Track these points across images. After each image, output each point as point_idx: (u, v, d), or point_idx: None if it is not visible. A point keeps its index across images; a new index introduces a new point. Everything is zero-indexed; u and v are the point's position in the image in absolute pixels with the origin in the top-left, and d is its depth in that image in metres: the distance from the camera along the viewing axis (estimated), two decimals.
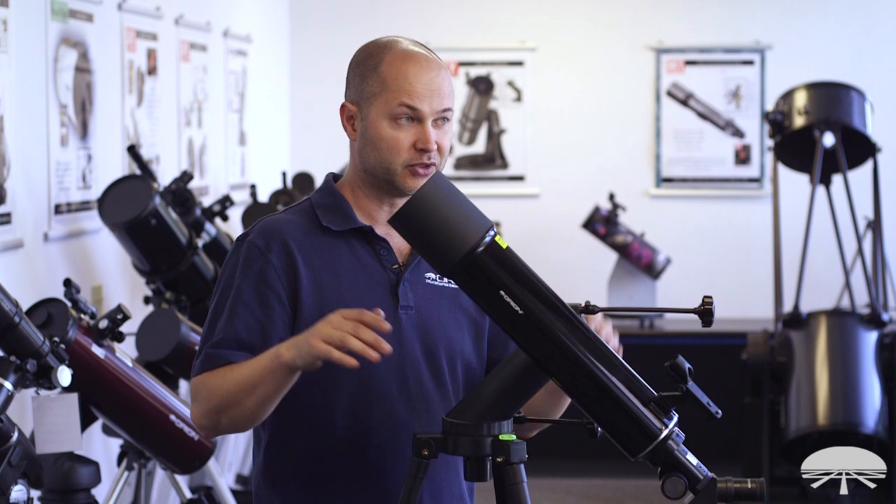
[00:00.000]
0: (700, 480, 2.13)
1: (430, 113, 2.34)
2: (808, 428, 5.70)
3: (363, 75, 2.36)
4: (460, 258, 2.13)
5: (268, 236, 2.34)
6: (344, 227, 2.38)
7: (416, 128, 2.34)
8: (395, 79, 2.33)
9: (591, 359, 2.16)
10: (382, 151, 2.34)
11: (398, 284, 2.37)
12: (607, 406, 2.16)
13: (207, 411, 2.30)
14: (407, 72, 2.33)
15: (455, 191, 2.19)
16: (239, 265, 2.34)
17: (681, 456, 2.14)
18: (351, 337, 2.14)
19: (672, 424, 2.14)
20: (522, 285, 2.16)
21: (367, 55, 2.38)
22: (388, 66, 2.34)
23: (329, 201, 2.41)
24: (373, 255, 2.38)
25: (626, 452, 2.16)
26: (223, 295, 2.34)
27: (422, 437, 2.22)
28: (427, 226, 2.15)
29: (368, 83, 2.35)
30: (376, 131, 2.34)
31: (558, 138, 8.01)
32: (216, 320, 2.33)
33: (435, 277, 2.41)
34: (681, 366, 2.12)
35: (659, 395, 2.14)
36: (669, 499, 2.14)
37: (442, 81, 2.36)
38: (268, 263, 2.32)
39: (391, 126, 2.33)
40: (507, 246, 2.19)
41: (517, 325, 2.17)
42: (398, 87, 2.33)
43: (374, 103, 2.34)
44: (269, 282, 2.32)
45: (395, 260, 2.39)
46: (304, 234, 2.36)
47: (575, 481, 6.77)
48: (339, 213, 2.39)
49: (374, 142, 2.35)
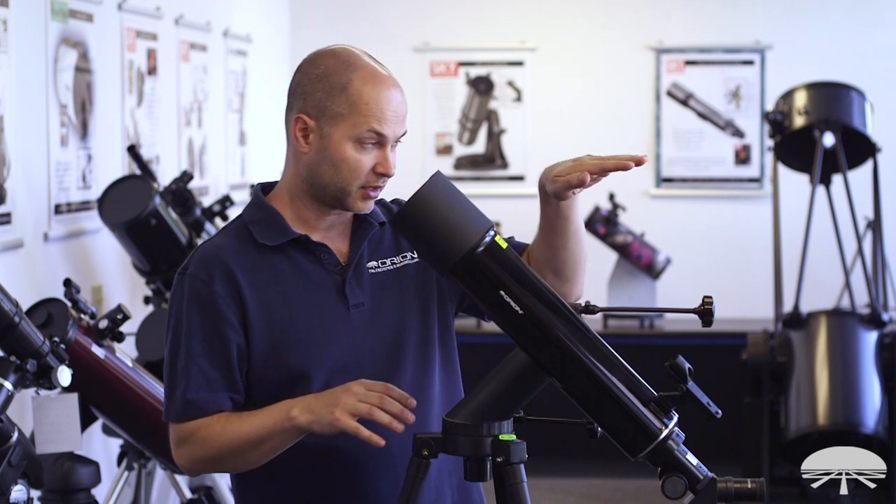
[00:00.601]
0: (700, 480, 2.13)
1: (392, 138, 2.34)
2: (808, 428, 5.70)
3: (327, 92, 2.31)
4: (461, 258, 2.13)
5: (208, 265, 2.33)
6: (280, 241, 2.36)
7: (378, 152, 2.33)
8: (367, 104, 2.30)
9: (591, 359, 2.16)
10: (343, 172, 2.32)
11: (344, 285, 2.37)
12: (607, 406, 2.16)
13: (202, 459, 2.32)
14: (378, 98, 2.31)
15: (455, 191, 2.19)
16: (185, 301, 2.33)
17: (681, 456, 2.14)
18: (378, 410, 2.17)
19: (672, 424, 2.14)
20: (522, 285, 2.16)
21: (329, 71, 2.33)
22: (357, 87, 2.31)
23: (261, 215, 2.40)
24: (315, 262, 2.37)
25: (626, 452, 2.16)
26: (176, 334, 2.34)
27: (422, 436, 2.22)
28: (427, 226, 2.15)
29: (335, 102, 2.31)
30: (339, 153, 2.32)
31: (558, 138, 8.01)
32: (176, 361, 2.33)
33: (377, 265, 2.41)
34: (681, 366, 2.12)
35: (659, 395, 2.14)
36: (669, 499, 2.14)
37: (404, 106, 2.36)
38: (213, 293, 2.31)
39: (355, 149, 2.32)
40: (508, 246, 2.19)
41: (517, 325, 2.17)
42: (370, 112, 2.30)
43: (340, 124, 2.31)
44: (220, 311, 2.31)
45: (336, 262, 2.39)
46: (241, 255, 2.35)
47: (575, 481, 6.77)
48: (272, 227, 2.37)
49: (333, 161, 2.32)
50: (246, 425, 2.27)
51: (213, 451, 2.30)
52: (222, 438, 2.28)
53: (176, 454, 2.36)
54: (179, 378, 2.32)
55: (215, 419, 2.30)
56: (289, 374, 2.32)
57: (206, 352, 2.31)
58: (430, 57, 8.02)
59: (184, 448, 2.33)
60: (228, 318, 2.31)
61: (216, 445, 2.29)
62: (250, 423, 2.27)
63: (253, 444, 2.27)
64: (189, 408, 2.31)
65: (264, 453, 2.28)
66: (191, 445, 2.32)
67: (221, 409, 2.31)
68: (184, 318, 2.33)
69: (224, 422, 2.30)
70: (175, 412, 2.33)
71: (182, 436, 2.33)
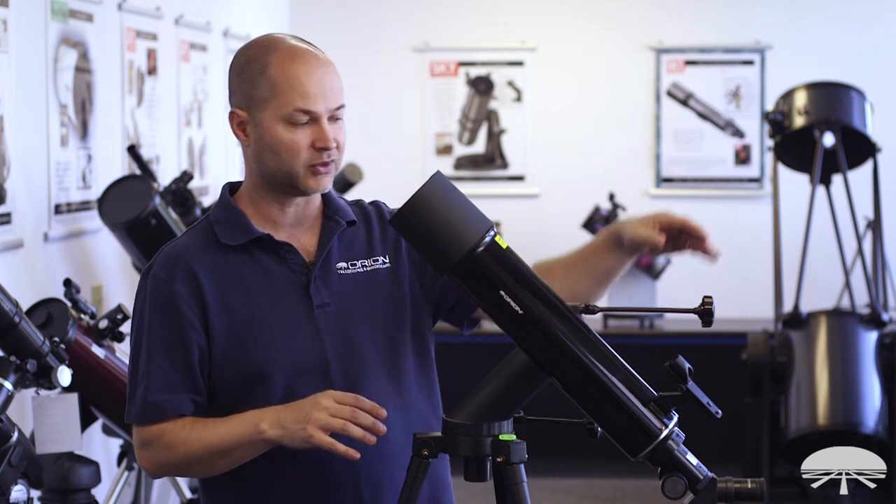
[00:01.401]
0: (700, 480, 2.13)
1: (324, 112, 2.31)
2: (808, 428, 5.70)
3: (251, 80, 2.31)
4: (460, 258, 2.13)
5: (170, 265, 2.32)
6: (242, 241, 2.35)
7: (313, 127, 2.31)
8: (287, 81, 2.29)
9: (591, 359, 2.15)
10: (281, 155, 2.30)
11: (309, 284, 2.35)
12: (607, 406, 2.15)
13: (166, 464, 2.31)
14: (297, 73, 2.29)
15: (455, 190, 2.18)
16: (147, 302, 2.32)
17: (681, 456, 2.13)
18: (351, 425, 2.17)
19: (672, 424, 2.14)
20: (522, 285, 2.16)
21: (250, 59, 2.33)
22: (276, 68, 2.30)
23: (225, 216, 2.38)
24: (278, 262, 2.35)
25: (626, 452, 2.16)
26: (139, 335, 2.33)
27: (422, 436, 2.22)
28: (427, 226, 2.14)
29: (257, 88, 2.30)
30: (272, 136, 2.30)
31: (558, 138, 8.01)
32: (138, 363, 2.32)
33: (346, 266, 2.39)
34: (681, 366, 2.12)
35: (659, 395, 2.14)
36: (669, 499, 2.14)
37: (332, 78, 2.33)
38: (174, 293, 2.30)
39: (287, 129, 2.30)
40: (508, 246, 2.18)
41: (517, 325, 2.16)
42: (291, 89, 2.29)
43: (267, 108, 2.30)
44: (181, 311, 2.30)
45: (301, 261, 2.37)
46: (204, 255, 2.34)
47: (575, 481, 6.77)
48: (235, 227, 2.36)
49: (271, 146, 2.31)
50: (212, 434, 2.26)
51: (177, 457, 2.29)
52: (187, 446, 2.27)
53: (139, 456, 2.34)
54: (140, 379, 2.30)
55: (180, 424, 2.29)
56: (250, 374, 2.30)
57: (167, 353, 2.29)
58: (430, 57, 8.02)
59: (147, 451, 2.32)
60: (189, 318, 2.30)
61: (181, 453, 2.28)
62: (216, 432, 2.26)
63: (219, 453, 2.26)
64: (150, 409, 2.29)
65: (230, 463, 2.28)
66: (154, 450, 2.30)
67: (182, 412, 2.29)
68: (146, 319, 2.31)
69: (189, 429, 2.28)
70: (135, 414, 2.31)
71: (145, 439, 2.31)
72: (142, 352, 2.31)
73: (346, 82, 2.41)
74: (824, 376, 5.81)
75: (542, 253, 2.66)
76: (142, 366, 2.31)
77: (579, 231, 7.28)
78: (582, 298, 2.27)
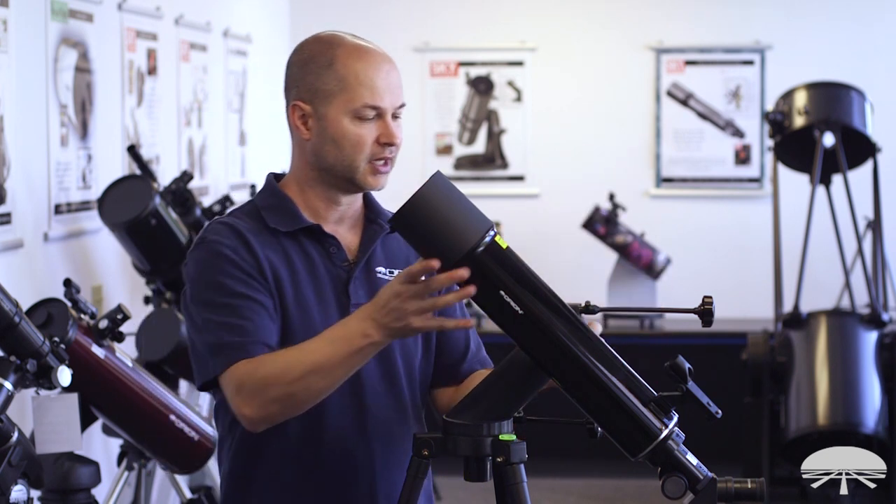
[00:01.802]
0: (700, 480, 2.13)
1: (390, 108, 2.33)
2: (808, 428, 5.70)
3: (316, 73, 2.32)
4: (460, 258, 2.12)
5: (229, 234, 2.31)
6: (292, 228, 2.36)
7: (378, 123, 2.33)
8: (356, 76, 2.31)
9: (592, 359, 2.16)
10: (346, 149, 2.32)
11: (349, 282, 2.36)
12: (607, 406, 2.16)
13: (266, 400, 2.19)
14: (366, 69, 2.32)
15: (455, 190, 2.18)
16: (210, 265, 2.29)
17: (681, 456, 2.14)
18: (441, 298, 2.13)
19: (672, 424, 2.14)
20: (522, 285, 2.16)
21: (315, 53, 2.34)
22: (343, 62, 2.32)
23: (274, 202, 2.38)
24: (322, 254, 2.37)
25: (626, 452, 2.16)
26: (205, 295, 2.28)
27: (422, 436, 2.22)
28: (427, 226, 2.14)
29: (324, 81, 2.32)
30: (338, 129, 2.32)
31: (558, 138, 8.01)
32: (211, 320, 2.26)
33: (385, 272, 2.40)
34: (681, 366, 2.12)
35: (659, 395, 2.14)
36: (669, 499, 2.14)
37: (397, 76, 2.36)
38: (240, 257, 2.29)
39: (353, 123, 2.31)
40: (507, 246, 2.18)
41: (517, 325, 2.16)
42: (359, 85, 2.31)
43: (334, 101, 2.31)
44: (249, 272, 2.28)
45: (344, 257, 2.38)
46: (258, 233, 2.34)
47: (575, 481, 6.77)
48: (285, 214, 2.37)
49: (335, 140, 2.32)
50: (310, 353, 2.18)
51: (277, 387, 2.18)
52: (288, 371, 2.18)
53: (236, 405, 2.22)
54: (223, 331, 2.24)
55: (270, 356, 2.22)
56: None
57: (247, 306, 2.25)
58: (430, 57, 8.02)
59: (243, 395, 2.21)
60: (258, 279, 2.28)
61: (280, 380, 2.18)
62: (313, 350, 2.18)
63: (325, 370, 2.17)
64: (240, 351, 2.22)
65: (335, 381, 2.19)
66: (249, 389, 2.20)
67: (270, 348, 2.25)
68: (216, 280, 2.27)
69: (283, 356, 2.21)
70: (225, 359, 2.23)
71: (237, 382, 2.21)
72: (220, 308, 2.26)
73: None
74: (824, 376, 5.81)
75: (542, 253, 2.66)
76: (224, 319, 2.24)
77: (579, 231, 7.28)
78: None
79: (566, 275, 7.35)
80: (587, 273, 7.61)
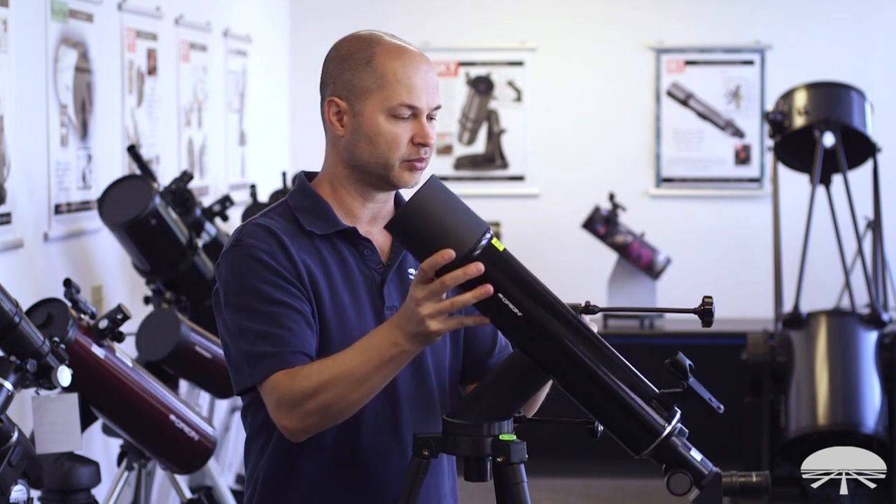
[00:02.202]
0: (705, 476, 2.12)
1: (426, 108, 2.33)
2: (808, 428, 5.70)
3: (354, 70, 2.32)
4: (457, 262, 2.12)
5: (267, 238, 2.30)
6: (327, 231, 2.35)
7: (413, 123, 2.32)
8: (394, 74, 2.31)
9: (592, 359, 2.15)
10: (381, 147, 2.31)
11: (383, 284, 2.36)
12: (610, 405, 2.15)
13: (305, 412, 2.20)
14: (405, 68, 2.32)
15: (450, 194, 2.18)
16: (247, 269, 2.28)
17: (685, 452, 2.13)
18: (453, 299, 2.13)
19: (675, 421, 2.14)
20: (520, 287, 2.15)
21: (353, 49, 2.34)
22: (382, 60, 2.32)
23: (308, 203, 2.37)
24: (356, 256, 2.36)
25: (630, 450, 2.16)
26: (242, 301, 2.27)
27: (422, 436, 2.22)
28: (423, 230, 2.13)
29: (361, 78, 2.31)
30: (373, 127, 2.31)
31: (558, 138, 8.01)
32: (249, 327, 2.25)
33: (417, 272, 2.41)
34: (681, 362, 2.12)
35: (661, 391, 2.14)
36: (675, 495, 2.14)
37: (434, 77, 2.36)
38: (278, 262, 2.28)
39: (389, 122, 2.31)
40: (504, 248, 2.18)
41: (517, 328, 2.16)
42: (398, 83, 2.30)
43: (370, 99, 2.31)
44: (287, 279, 2.27)
45: (378, 259, 2.38)
46: (294, 237, 2.33)
47: (575, 481, 6.77)
48: (320, 216, 2.35)
49: (370, 137, 2.31)
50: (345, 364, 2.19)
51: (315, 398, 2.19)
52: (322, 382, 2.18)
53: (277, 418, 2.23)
54: (260, 340, 2.24)
55: (306, 368, 2.21)
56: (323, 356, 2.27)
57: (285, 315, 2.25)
58: (430, 57, 7.99)
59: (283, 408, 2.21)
60: (297, 285, 2.27)
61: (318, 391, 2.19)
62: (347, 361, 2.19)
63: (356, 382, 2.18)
64: (277, 361, 2.22)
65: (370, 390, 2.20)
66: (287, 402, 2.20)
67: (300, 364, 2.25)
68: (253, 286, 2.26)
69: (317, 367, 2.21)
70: (263, 369, 2.23)
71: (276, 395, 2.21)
72: (257, 316, 2.25)
73: None
74: (824, 376, 5.81)
75: (542, 253, 2.66)
76: (261, 327, 2.24)
77: (579, 231, 7.28)
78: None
79: (566, 275, 7.35)
80: (587, 273, 7.61)
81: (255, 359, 2.25)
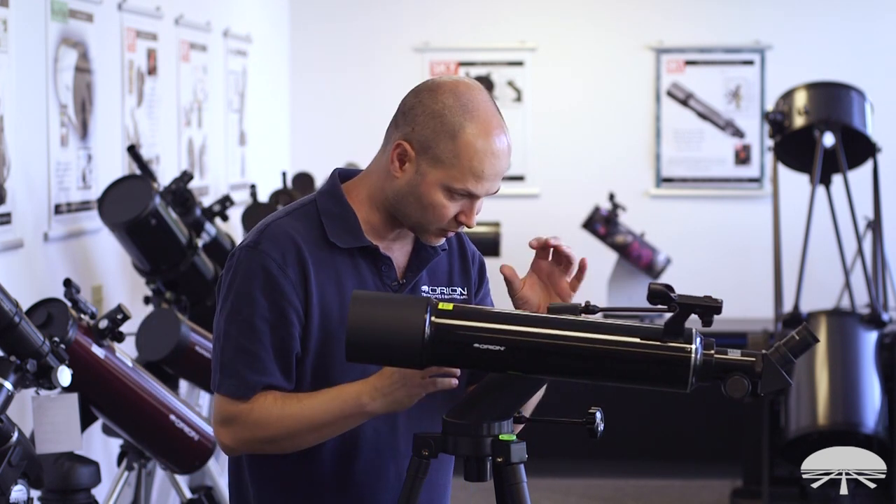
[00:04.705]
0: (754, 369, 2.11)
1: (483, 195, 2.33)
2: (808, 428, 5.70)
3: (437, 133, 2.27)
4: (420, 349, 2.13)
5: (283, 248, 2.30)
6: (350, 245, 2.35)
7: (464, 202, 2.32)
8: (470, 161, 2.27)
9: (589, 339, 2.15)
10: (427, 213, 2.31)
11: None
12: (629, 367, 2.16)
13: (251, 440, 2.28)
14: (484, 157, 2.28)
15: (378, 298, 2.19)
16: (254, 277, 2.29)
17: (723, 358, 2.12)
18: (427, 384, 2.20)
19: (696, 339, 2.13)
20: (487, 325, 2.16)
21: (447, 111, 2.28)
22: (467, 141, 2.27)
23: (337, 211, 2.36)
24: (374, 272, 2.36)
25: (677, 391, 2.15)
26: (238, 308, 2.29)
27: (422, 436, 2.22)
28: (377, 347, 2.14)
29: (440, 146, 2.27)
30: (429, 195, 2.29)
31: (558, 138, 8.01)
32: (236, 336, 2.29)
33: (429, 290, 2.41)
34: (658, 289, 2.12)
35: (665, 323, 2.13)
36: (739, 400, 2.12)
37: (506, 163, 2.34)
38: (286, 278, 2.29)
39: (445, 195, 2.30)
40: (453, 305, 2.18)
41: (507, 362, 2.17)
42: (469, 170, 2.28)
43: (438, 168, 2.28)
44: (288, 297, 2.29)
45: (395, 276, 2.38)
46: (315, 247, 2.33)
47: (575, 481, 6.77)
48: (346, 228, 2.35)
49: (422, 201, 2.30)
50: (307, 410, 2.25)
51: (267, 433, 2.27)
52: (280, 423, 2.26)
53: (219, 432, 2.31)
54: (239, 354, 2.28)
55: (270, 400, 2.27)
56: (324, 381, 2.31)
57: (271, 335, 2.28)
58: (430, 57, 8.02)
59: (230, 428, 2.29)
60: (296, 306, 2.29)
61: (272, 428, 2.26)
62: (311, 407, 2.25)
63: (314, 428, 2.26)
64: (245, 388, 2.27)
65: (322, 437, 2.28)
66: (239, 427, 2.28)
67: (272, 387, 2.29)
68: (252, 295, 2.28)
69: (281, 405, 2.27)
70: (231, 387, 2.28)
71: (231, 414, 2.29)
72: (244, 326, 2.28)
73: (347, 82, 2.43)
74: (824, 376, 5.81)
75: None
76: (242, 340, 2.28)
77: (579, 231, 7.28)
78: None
79: None
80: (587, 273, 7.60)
81: (227, 372, 2.30)
